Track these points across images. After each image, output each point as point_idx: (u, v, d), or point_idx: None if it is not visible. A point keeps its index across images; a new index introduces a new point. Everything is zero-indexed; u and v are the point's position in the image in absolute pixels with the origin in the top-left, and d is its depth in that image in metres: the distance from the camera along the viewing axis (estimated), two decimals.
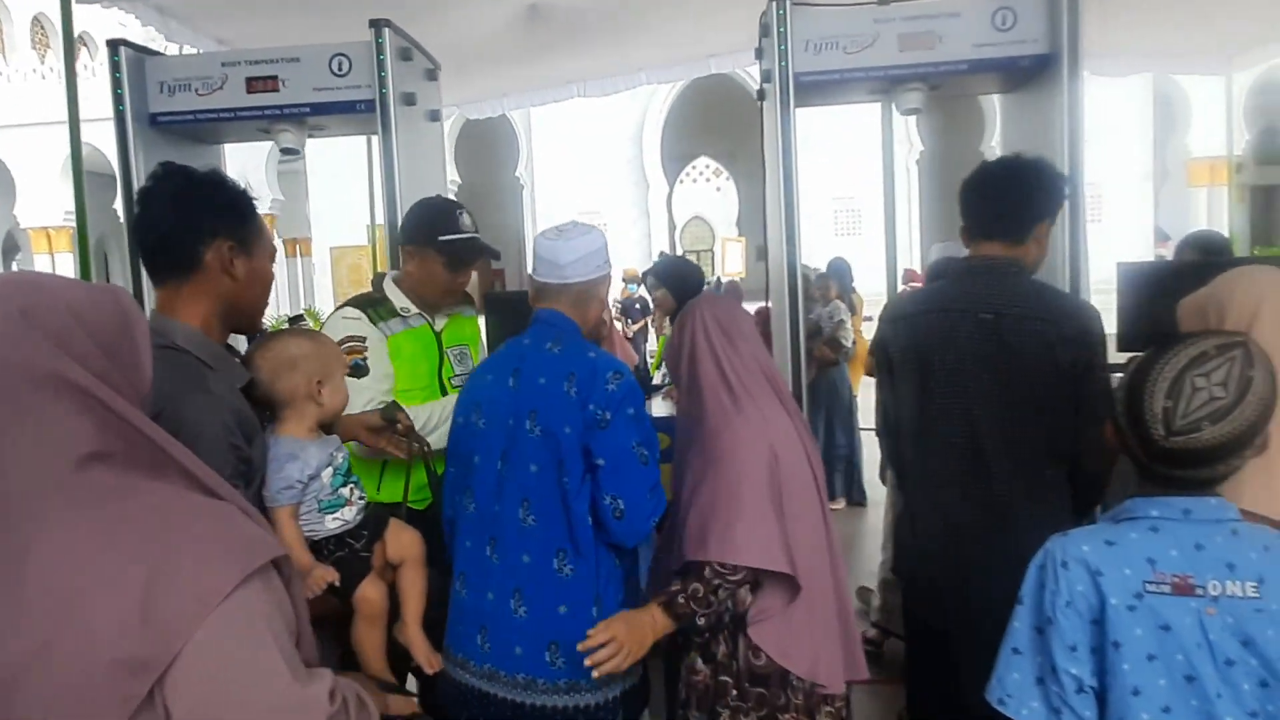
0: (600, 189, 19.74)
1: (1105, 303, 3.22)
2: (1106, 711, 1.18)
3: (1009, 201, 2.00)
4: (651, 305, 8.45)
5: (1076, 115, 2.55)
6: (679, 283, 3.81)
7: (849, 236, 18.05)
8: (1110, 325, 3.27)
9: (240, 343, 1.83)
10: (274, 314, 13.94)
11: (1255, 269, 1.76)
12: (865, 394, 4.37)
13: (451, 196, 2.54)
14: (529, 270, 1.86)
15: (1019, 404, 1.92)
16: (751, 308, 2.48)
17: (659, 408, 3.71)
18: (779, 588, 1.76)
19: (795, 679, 1.76)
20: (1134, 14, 3.94)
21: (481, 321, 2.62)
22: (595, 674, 1.55)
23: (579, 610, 1.67)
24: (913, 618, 2.19)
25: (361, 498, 1.69)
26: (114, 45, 2.86)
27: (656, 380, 4.99)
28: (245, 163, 16.77)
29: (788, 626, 1.76)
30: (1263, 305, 1.61)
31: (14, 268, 21.32)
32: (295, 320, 10.03)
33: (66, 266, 17.87)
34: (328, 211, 19.32)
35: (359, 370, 2.07)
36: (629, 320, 11.50)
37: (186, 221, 1.46)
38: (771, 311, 3.06)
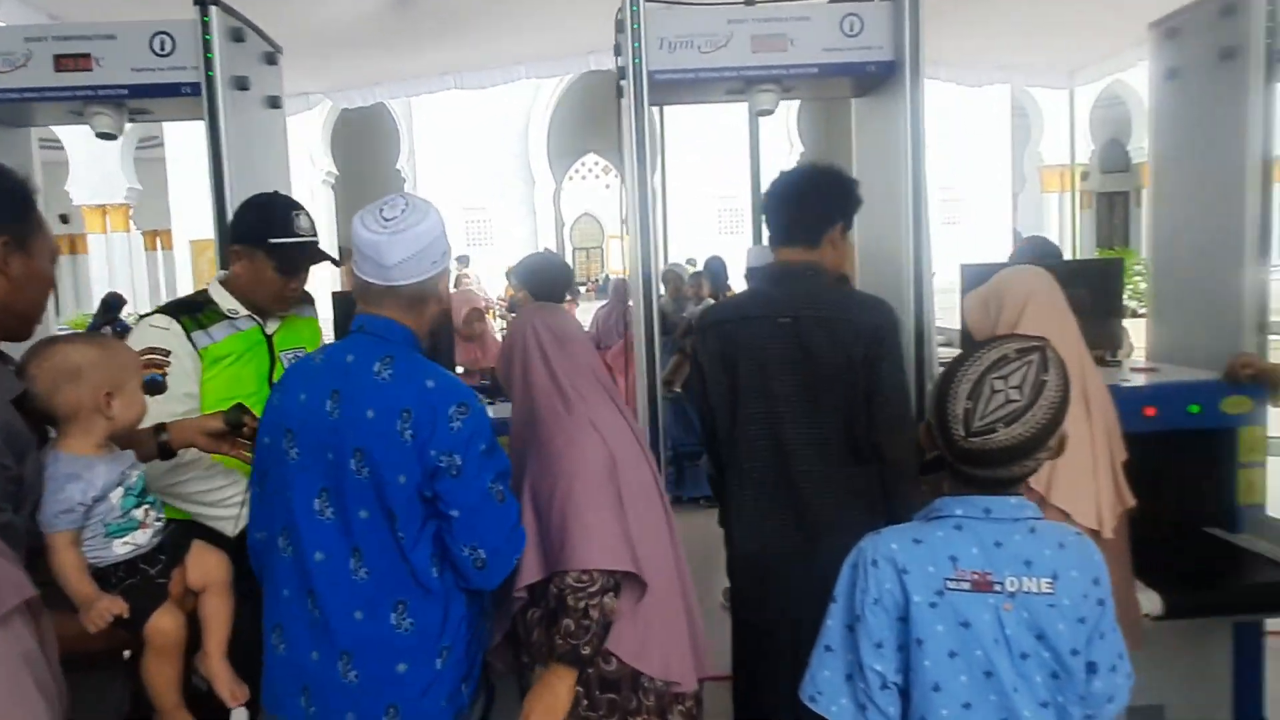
0: (486, 184, 19.38)
1: (952, 300, 3.40)
2: (910, 708, 1.20)
3: (801, 208, 2.09)
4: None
5: (919, 122, 2.62)
6: (537, 283, 3.74)
7: (732, 234, 18.38)
8: (955, 322, 3.45)
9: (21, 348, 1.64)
10: (131, 311, 12.96)
11: (1027, 269, 2.14)
12: None
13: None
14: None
15: (822, 405, 1.99)
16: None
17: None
18: (627, 588, 1.71)
19: (647, 680, 1.71)
20: (982, 27, 4.13)
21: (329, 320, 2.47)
22: None
23: (420, 666, 1.52)
24: (735, 618, 2.22)
25: (159, 519, 1.55)
26: None
27: None
28: (98, 148, 15.56)
29: (638, 627, 1.71)
30: (1030, 300, 1.97)
31: None
32: None
33: None
34: (189, 202, 18.07)
35: (155, 387, 1.86)
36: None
37: None
38: (630, 309, 3.04)
